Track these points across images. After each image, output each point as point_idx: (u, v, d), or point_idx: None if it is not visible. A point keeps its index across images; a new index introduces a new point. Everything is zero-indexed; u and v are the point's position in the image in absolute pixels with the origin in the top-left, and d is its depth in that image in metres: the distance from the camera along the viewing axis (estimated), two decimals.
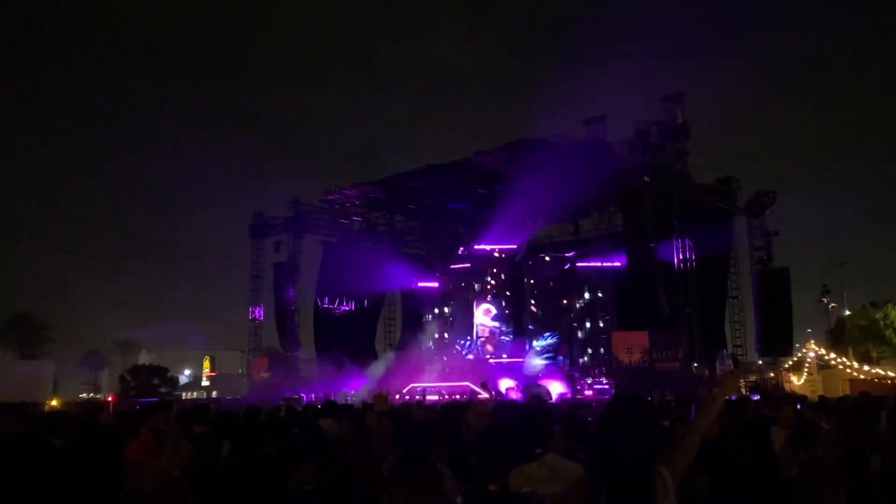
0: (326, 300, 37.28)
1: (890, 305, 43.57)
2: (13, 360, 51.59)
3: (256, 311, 37.93)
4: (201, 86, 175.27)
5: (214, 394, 53.28)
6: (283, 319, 36.87)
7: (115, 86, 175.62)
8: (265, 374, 36.00)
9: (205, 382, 76.17)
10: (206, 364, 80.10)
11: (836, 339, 40.73)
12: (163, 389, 50.29)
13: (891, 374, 32.13)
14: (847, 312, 45.55)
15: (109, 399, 31.36)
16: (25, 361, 51.08)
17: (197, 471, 4.58)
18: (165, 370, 56.39)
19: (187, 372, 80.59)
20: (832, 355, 35.11)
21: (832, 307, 41.12)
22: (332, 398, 21.09)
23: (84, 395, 59.52)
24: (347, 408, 10.27)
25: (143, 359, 69.78)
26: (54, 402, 22.93)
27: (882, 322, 43.14)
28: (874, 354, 41.75)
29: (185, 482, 4.34)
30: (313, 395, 27.73)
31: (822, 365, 35.51)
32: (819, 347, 36.05)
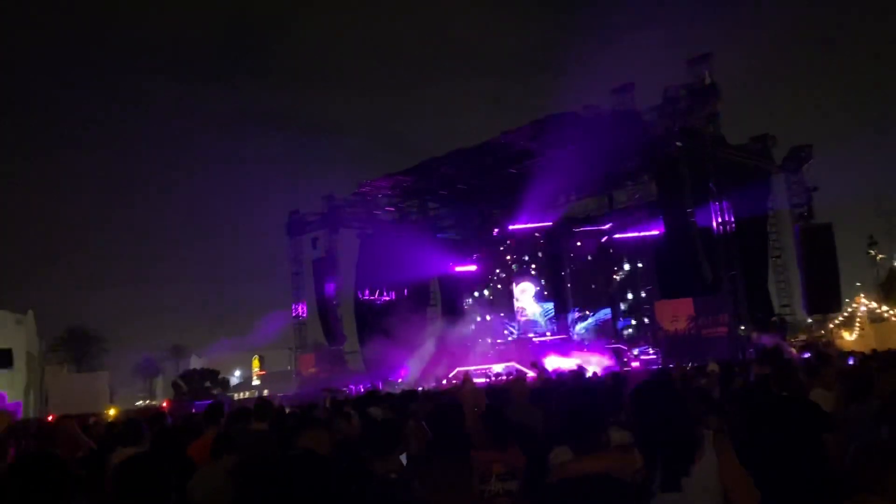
0: (367, 292, 37.58)
1: None
2: (70, 373, 53.10)
3: (300, 308, 38.51)
4: (228, 88, 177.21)
5: (266, 392, 54.22)
6: (326, 314, 37.33)
7: (144, 93, 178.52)
8: (313, 370, 36.53)
9: (255, 382, 77.45)
10: (256, 363, 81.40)
11: (888, 290, 39.67)
12: (215, 391, 51.26)
13: None
14: None
15: (164, 405, 32.13)
16: (82, 374, 52.57)
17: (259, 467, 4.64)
18: (217, 373, 57.48)
19: (238, 373, 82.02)
20: (884, 308, 34.22)
21: (880, 258, 40.14)
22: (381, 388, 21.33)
23: (140, 402, 61.05)
24: (390, 396, 10.37)
25: (195, 363, 71.26)
26: (112, 412, 23.57)
27: None
28: None
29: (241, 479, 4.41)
30: (362, 387, 28.04)
31: (875, 318, 34.66)
32: (870, 301, 35.16)
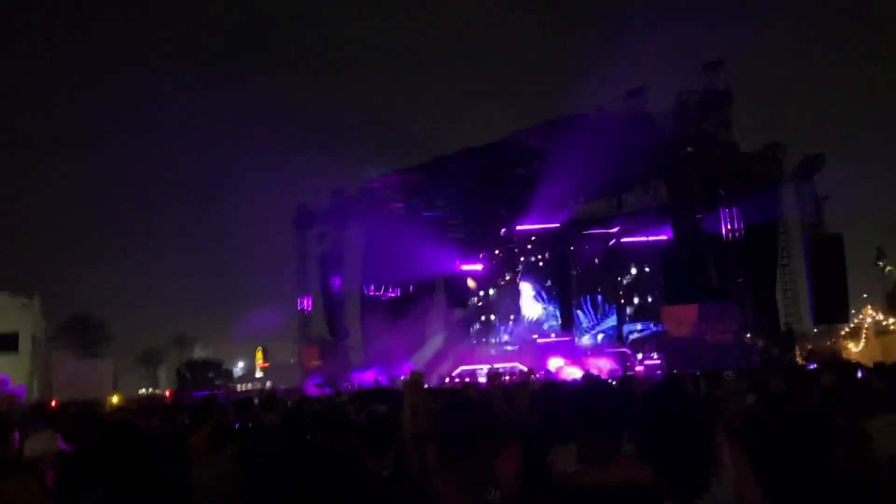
0: (372, 287, 37.61)
1: None
2: (76, 359, 53.19)
3: (305, 301, 38.53)
4: (237, 82, 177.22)
5: (269, 384, 54.32)
6: (331, 308, 37.37)
7: (152, 85, 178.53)
8: (316, 363, 36.52)
9: (258, 374, 77.48)
10: (259, 355, 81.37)
11: (895, 303, 39.50)
12: (218, 382, 51.37)
13: None
14: None
15: (167, 394, 32.22)
16: (87, 360, 52.68)
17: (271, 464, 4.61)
18: (220, 363, 57.55)
19: (241, 364, 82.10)
20: (891, 320, 34.07)
21: (888, 270, 39.92)
22: (383, 384, 21.34)
23: (143, 390, 61.20)
24: (397, 393, 10.34)
25: (198, 353, 71.36)
26: (115, 399, 23.63)
27: None
28: None
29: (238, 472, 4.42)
30: (364, 382, 28.07)
31: (881, 330, 34.50)
32: (877, 313, 34.99)
